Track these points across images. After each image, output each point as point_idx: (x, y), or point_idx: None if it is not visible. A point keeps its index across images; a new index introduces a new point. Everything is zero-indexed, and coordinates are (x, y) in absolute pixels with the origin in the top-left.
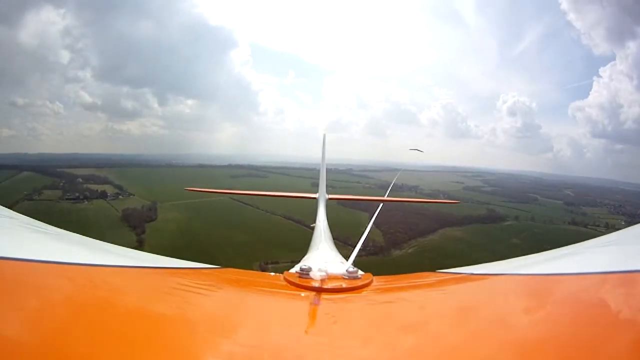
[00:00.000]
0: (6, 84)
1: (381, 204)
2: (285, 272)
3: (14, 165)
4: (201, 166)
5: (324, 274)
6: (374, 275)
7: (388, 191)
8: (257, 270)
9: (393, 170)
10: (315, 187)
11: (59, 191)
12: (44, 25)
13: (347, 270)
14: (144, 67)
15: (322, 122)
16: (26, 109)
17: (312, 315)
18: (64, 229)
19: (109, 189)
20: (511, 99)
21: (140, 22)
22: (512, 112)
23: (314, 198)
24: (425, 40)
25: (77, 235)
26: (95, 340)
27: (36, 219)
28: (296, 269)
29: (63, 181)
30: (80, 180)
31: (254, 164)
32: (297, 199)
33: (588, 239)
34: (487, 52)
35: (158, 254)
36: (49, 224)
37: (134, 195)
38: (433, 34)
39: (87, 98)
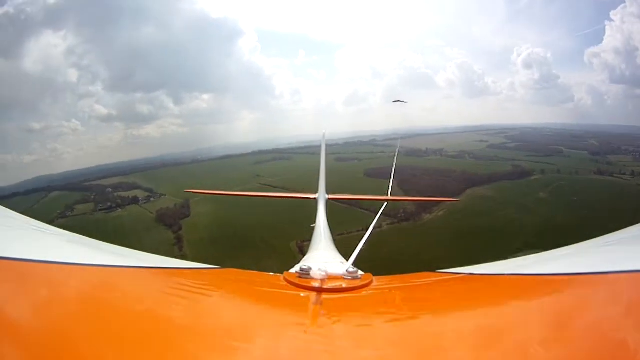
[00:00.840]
0: (20, 113)
1: (385, 204)
2: (285, 272)
3: (42, 188)
4: (226, 157)
5: (324, 274)
6: (373, 275)
7: (391, 176)
8: (294, 249)
9: (417, 135)
10: (339, 162)
11: (91, 204)
12: (47, 50)
13: (347, 270)
14: (154, 71)
15: (339, 96)
16: (43, 132)
17: (312, 316)
18: (103, 240)
19: (140, 194)
20: (525, 52)
21: (142, 29)
22: (527, 65)
23: (314, 198)
24: (430, 2)
25: (77, 235)
26: (95, 340)
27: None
28: (296, 269)
29: (93, 194)
30: (110, 189)
31: (278, 147)
32: (300, 198)
33: (614, 188)
34: (494, 7)
35: (198, 247)
36: (88, 236)
37: (165, 195)
38: None
39: (102, 110)
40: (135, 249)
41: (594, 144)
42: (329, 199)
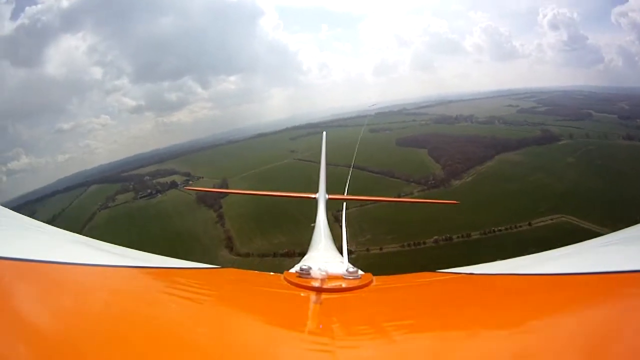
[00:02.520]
0: (49, 116)
1: (345, 204)
2: (285, 272)
3: (80, 183)
4: (260, 135)
5: (324, 273)
6: (373, 275)
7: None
8: (330, 220)
9: (448, 102)
10: (372, 134)
11: (131, 193)
12: (68, 52)
13: (347, 270)
14: (178, 59)
15: (367, 67)
16: (74, 130)
17: (312, 315)
18: (148, 225)
19: (178, 178)
20: (550, 12)
21: (160, 19)
22: (554, 26)
23: (314, 198)
24: None
25: (77, 235)
26: (95, 340)
27: (118, 223)
28: (296, 268)
29: (132, 183)
30: (148, 177)
31: (311, 122)
32: (299, 198)
33: None
34: None
35: (240, 222)
36: (132, 224)
37: (202, 177)
38: None
39: (131, 102)
40: (181, 229)
41: (624, 107)
42: (329, 198)
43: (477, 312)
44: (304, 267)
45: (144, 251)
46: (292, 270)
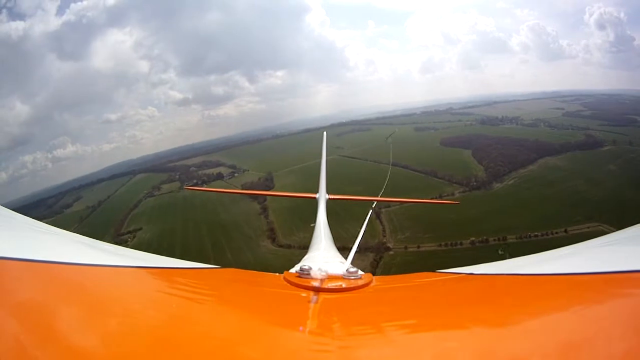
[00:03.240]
0: (95, 106)
1: (374, 203)
2: (285, 272)
3: (126, 172)
4: (306, 130)
5: (324, 273)
6: (374, 275)
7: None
8: (372, 216)
9: (493, 103)
10: (418, 132)
11: (177, 183)
12: (114, 46)
13: (347, 270)
14: (225, 53)
15: (414, 64)
16: (121, 121)
17: (312, 315)
18: (193, 214)
19: (224, 170)
20: (597, 11)
21: (207, 15)
22: (600, 26)
23: (314, 197)
24: None
25: (77, 235)
26: (95, 339)
27: (163, 211)
28: (296, 268)
29: (178, 173)
30: (194, 168)
31: (356, 118)
32: (301, 197)
33: None
34: None
35: (284, 215)
36: (176, 212)
37: (248, 170)
38: None
39: (178, 95)
40: (225, 219)
41: None
42: (330, 198)
43: (477, 312)
44: (304, 267)
45: (188, 239)
46: (292, 270)
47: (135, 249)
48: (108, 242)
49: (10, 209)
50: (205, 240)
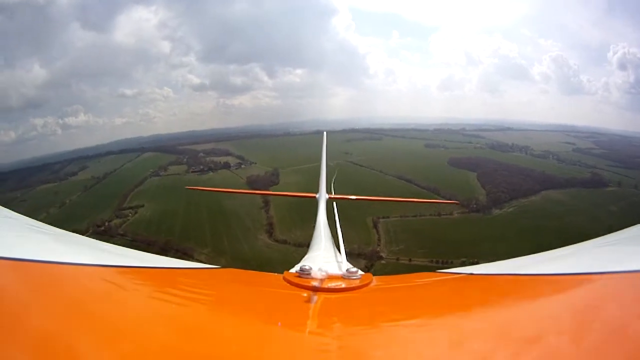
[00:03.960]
0: (112, 80)
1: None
2: (285, 272)
3: (135, 148)
4: (318, 132)
5: (324, 273)
6: (374, 275)
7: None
8: (369, 225)
9: (506, 129)
10: (428, 149)
11: (183, 166)
12: (138, 24)
13: (347, 270)
14: (247, 45)
15: (433, 80)
16: (136, 97)
17: (312, 315)
18: (195, 199)
19: (231, 160)
20: (621, 50)
21: (234, 5)
22: (622, 65)
23: (314, 197)
24: None
25: (77, 235)
26: (95, 340)
27: (166, 192)
28: (296, 269)
29: (186, 157)
30: (202, 154)
31: (370, 127)
32: (301, 197)
33: None
34: None
35: (283, 211)
36: (179, 196)
37: (255, 163)
38: None
39: (195, 80)
40: (227, 208)
41: None
42: (330, 198)
43: (477, 312)
44: (304, 267)
45: (188, 222)
46: (292, 270)
47: (136, 225)
48: (108, 215)
49: (15, 170)
50: (204, 225)
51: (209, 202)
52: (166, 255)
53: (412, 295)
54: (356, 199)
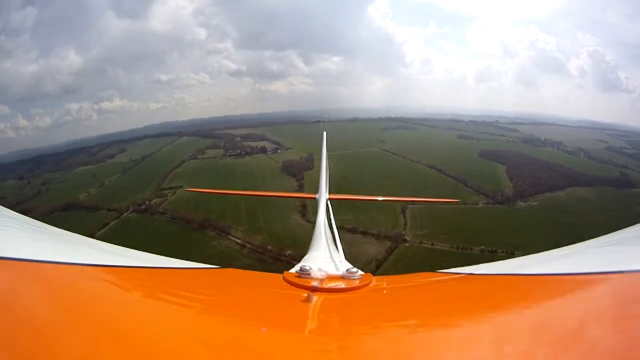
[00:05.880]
0: (148, 65)
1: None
2: (285, 272)
3: (171, 132)
4: (353, 119)
5: (324, 274)
6: (374, 275)
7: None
8: (397, 210)
9: (540, 123)
10: (461, 140)
11: (220, 150)
12: (174, 11)
13: (347, 271)
14: (284, 32)
15: (470, 71)
16: (171, 83)
17: (312, 315)
18: (232, 181)
19: (268, 145)
20: None
21: None
22: None
23: (314, 198)
24: None
25: (77, 235)
26: (94, 339)
27: (204, 174)
28: (296, 269)
29: (223, 141)
30: (239, 138)
31: (405, 116)
32: (301, 197)
33: None
34: None
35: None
36: (216, 179)
37: (291, 148)
38: None
39: (231, 66)
40: (259, 190)
41: None
42: (330, 198)
43: (477, 312)
44: (304, 267)
45: (225, 204)
46: (292, 270)
47: (175, 204)
48: (148, 196)
49: (51, 153)
50: (240, 205)
51: (245, 185)
52: (204, 232)
53: (412, 295)
54: (356, 198)
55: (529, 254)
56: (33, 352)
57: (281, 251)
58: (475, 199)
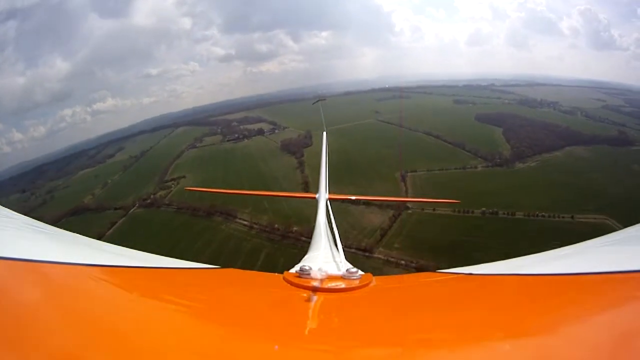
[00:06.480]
0: (137, 61)
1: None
2: (285, 272)
3: (167, 124)
4: (347, 93)
5: (324, 274)
6: (374, 275)
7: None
8: (397, 178)
9: (535, 84)
10: (457, 105)
11: (218, 136)
12: (157, 4)
13: (347, 271)
14: (269, 12)
15: (461, 36)
16: (162, 76)
17: (312, 315)
18: (234, 165)
19: (265, 126)
20: None
21: None
22: None
23: (314, 197)
24: None
25: (77, 235)
26: (94, 339)
27: (205, 162)
28: (296, 269)
29: (220, 127)
30: (235, 123)
31: (398, 85)
32: (301, 197)
33: None
34: None
35: (318, 170)
36: (218, 164)
37: (288, 127)
38: None
39: (220, 51)
40: (264, 170)
41: None
42: (329, 198)
43: (477, 313)
44: (304, 267)
45: (228, 186)
46: (292, 270)
47: (179, 194)
48: (152, 190)
49: (50, 161)
50: (244, 188)
51: (246, 168)
52: (212, 218)
53: (412, 295)
54: (356, 198)
55: (530, 214)
56: (33, 352)
57: (288, 228)
58: (474, 163)
